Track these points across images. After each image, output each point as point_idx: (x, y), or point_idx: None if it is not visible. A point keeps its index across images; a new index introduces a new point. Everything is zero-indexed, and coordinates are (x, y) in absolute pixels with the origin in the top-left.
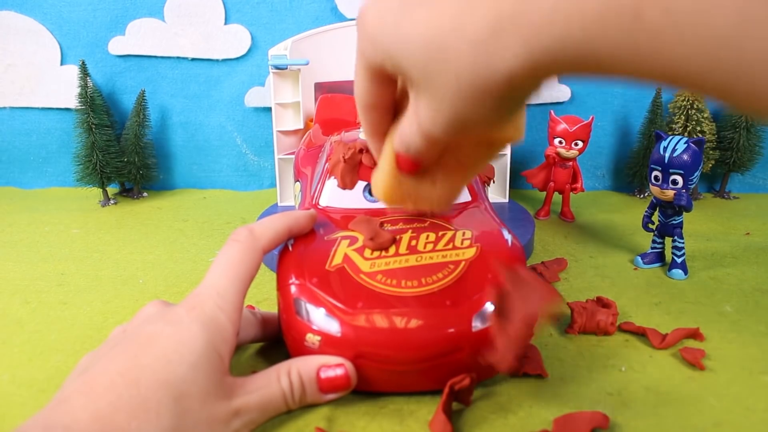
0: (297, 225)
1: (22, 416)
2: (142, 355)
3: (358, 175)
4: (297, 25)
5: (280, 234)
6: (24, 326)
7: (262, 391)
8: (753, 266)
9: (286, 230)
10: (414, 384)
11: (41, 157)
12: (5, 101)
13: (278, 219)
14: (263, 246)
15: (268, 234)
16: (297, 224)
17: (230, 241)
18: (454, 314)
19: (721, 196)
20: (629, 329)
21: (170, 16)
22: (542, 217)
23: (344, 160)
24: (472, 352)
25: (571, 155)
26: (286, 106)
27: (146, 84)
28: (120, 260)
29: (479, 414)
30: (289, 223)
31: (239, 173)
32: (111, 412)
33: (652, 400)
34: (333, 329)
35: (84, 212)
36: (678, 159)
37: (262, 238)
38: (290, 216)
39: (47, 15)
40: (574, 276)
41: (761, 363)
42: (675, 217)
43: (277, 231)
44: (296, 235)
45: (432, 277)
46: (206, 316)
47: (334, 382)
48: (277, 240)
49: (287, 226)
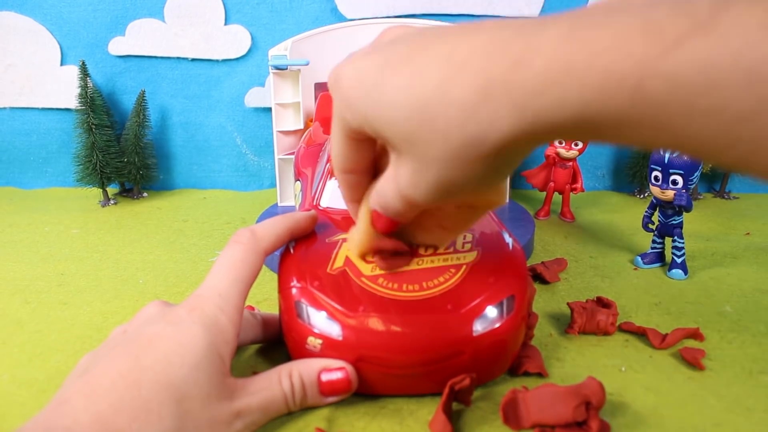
0: (298, 227)
1: (22, 416)
2: (143, 356)
3: None
4: (297, 25)
5: (281, 236)
6: (24, 326)
7: (263, 392)
8: (753, 266)
9: (287, 232)
10: (414, 387)
11: (41, 157)
12: (5, 101)
13: (280, 221)
14: (265, 248)
15: (270, 236)
16: (298, 226)
17: (232, 243)
18: (455, 318)
19: (721, 196)
20: (629, 329)
21: (170, 16)
22: (542, 217)
23: None
24: (473, 356)
25: (571, 155)
26: (286, 106)
27: (146, 84)
28: (120, 260)
29: (479, 414)
30: (290, 224)
31: (239, 173)
32: (112, 414)
33: (652, 400)
34: (334, 332)
35: (84, 212)
36: (678, 159)
37: (263, 240)
38: (291, 217)
39: (47, 15)
40: (574, 276)
41: (761, 363)
42: (675, 217)
43: (278, 233)
44: (297, 236)
45: (433, 281)
46: (207, 317)
47: (334, 385)
48: (279, 242)
49: (288, 228)
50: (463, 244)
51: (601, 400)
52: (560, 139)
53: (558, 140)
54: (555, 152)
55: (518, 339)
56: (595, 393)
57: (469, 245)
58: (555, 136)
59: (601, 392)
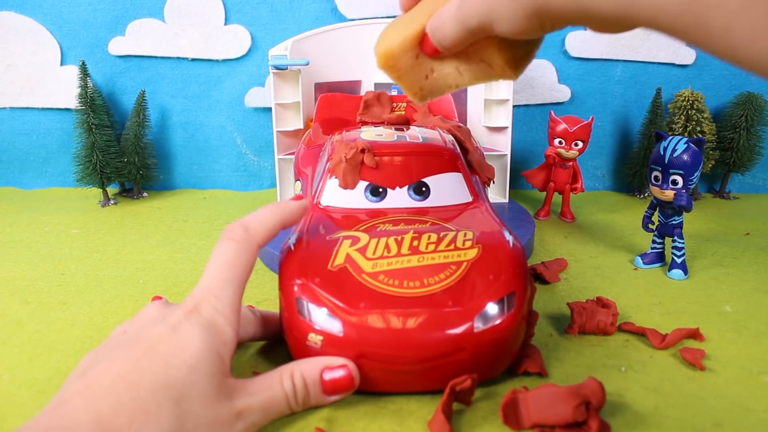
0: (290, 217)
1: (22, 416)
2: (143, 357)
3: (359, 175)
4: (297, 25)
5: (273, 228)
6: (24, 326)
7: (264, 393)
8: (753, 266)
9: (279, 222)
10: (415, 384)
11: (41, 157)
12: (5, 101)
13: (271, 212)
14: (258, 242)
15: (262, 230)
16: (290, 216)
17: (225, 239)
18: (456, 315)
19: (721, 196)
20: (629, 329)
21: (170, 16)
22: (542, 217)
23: (346, 160)
24: (473, 353)
25: (571, 155)
26: (286, 106)
27: (146, 84)
28: (120, 260)
29: (479, 414)
30: (282, 215)
31: (239, 173)
32: (111, 415)
33: (652, 400)
34: (335, 329)
35: (84, 212)
36: (678, 159)
37: (257, 235)
38: (282, 208)
39: (47, 15)
40: (574, 276)
41: (761, 363)
42: (675, 217)
43: (270, 225)
44: (289, 226)
45: (434, 277)
46: (204, 319)
47: (337, 384)
48: (271, 234)
49: (280, 219)
50: (463, 241)
51: (601, 400)
52: (592, 28)
53: (558, 141)
54: (555, 152)
55: (519, 336)
56: (595, 393)
57: (470, 242)
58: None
59: (601, 392)
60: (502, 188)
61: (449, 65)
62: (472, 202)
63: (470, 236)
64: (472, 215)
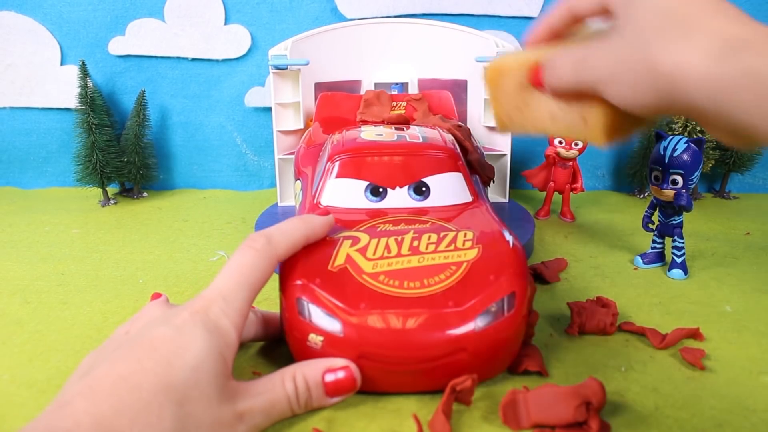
0: (315, 232)
1: (22, 417)
2: (145, 358)
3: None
4: (297, 25)
5: (297, 242)
6: (24, 326)
7: (266, 395)
8: (753, 266)
9: (303, 239)
10: (416, 384)
11: (41, 157)
12: (5, 101)
13: (297, 228)
14: (279, 255)
15: (285, 243)
16: (315, 232)
17: (245, 247)
18: (457, 315)
19: (721, 196)
20: (629, 329)
21: (170, 16)
22: (542, 217)
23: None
24: (474, 353)
25: (571, 155)
26: (286, 106)
27: (146, 84)
28: (120, 260)
29: (479, 414)
30: (306, 230)
31: (239, 173)
32: (113, 416)
33: (652, 400)
34: (335, 329)
35: (84, 212)
36: (678, 159)
37: (278, 248)
38: (308, 224)
39: (47, 15)
40: (574, 276)
41: (761, 363)
42: (675, 217)
43: (294, 240)
44: (313, 241)
45: (434, 278)
46: (210, 320)
47: (339, 385)
48: (294, 248)
49: (304, 234)
50: (464, 242)
51: (602, 400)
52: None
53: (558, 140)
54: (555, 152)
55: (519, 336)
56: (596, 393)
57: (470, 243)
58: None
59: (601, 392)
60: (502, 188)
61: (546, 108)
62: (472, 202)
63: (470, 236)
64: (472, 215)
